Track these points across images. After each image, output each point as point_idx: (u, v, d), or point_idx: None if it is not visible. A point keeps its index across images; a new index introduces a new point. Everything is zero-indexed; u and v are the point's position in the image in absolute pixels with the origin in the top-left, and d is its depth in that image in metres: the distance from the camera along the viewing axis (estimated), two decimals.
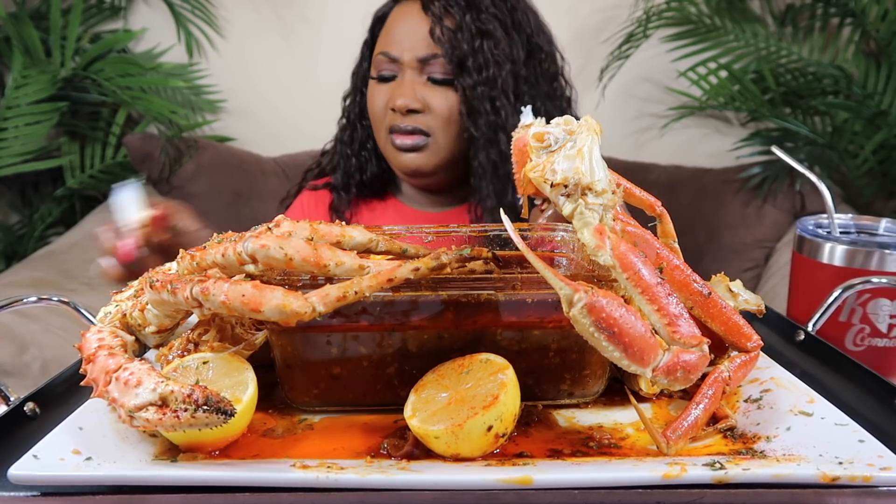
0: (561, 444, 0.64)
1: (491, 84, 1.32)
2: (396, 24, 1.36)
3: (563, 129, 0.66)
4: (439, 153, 1.36)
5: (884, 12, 2.45)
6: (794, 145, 2.53)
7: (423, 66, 1.33)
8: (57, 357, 1.70)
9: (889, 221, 1.03)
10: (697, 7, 2.59)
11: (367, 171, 1.48)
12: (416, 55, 1.32)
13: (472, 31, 1.31)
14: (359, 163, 1.48)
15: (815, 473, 0.54)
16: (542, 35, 1.43)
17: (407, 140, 1.34)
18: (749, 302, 0.80)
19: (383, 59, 1.35)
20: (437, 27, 1.30)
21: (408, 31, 1.34)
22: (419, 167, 1.37)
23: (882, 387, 0.72)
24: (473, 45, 1.31)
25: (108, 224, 1.03)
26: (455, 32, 1.31)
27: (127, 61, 2.62)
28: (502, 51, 1.34)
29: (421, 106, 1.32)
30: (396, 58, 1.34)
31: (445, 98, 1.33)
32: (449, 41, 1.30)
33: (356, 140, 1.48)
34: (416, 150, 1.35)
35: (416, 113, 1.33)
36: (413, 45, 1.32)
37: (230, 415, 0.54)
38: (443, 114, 1.33)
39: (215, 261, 0.64)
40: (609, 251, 0.61)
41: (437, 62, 1.32)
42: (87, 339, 0.64)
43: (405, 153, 1.36)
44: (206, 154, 2.56)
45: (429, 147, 1.35)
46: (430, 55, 1.32)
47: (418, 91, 1.33)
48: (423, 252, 0.74)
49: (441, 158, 1.37)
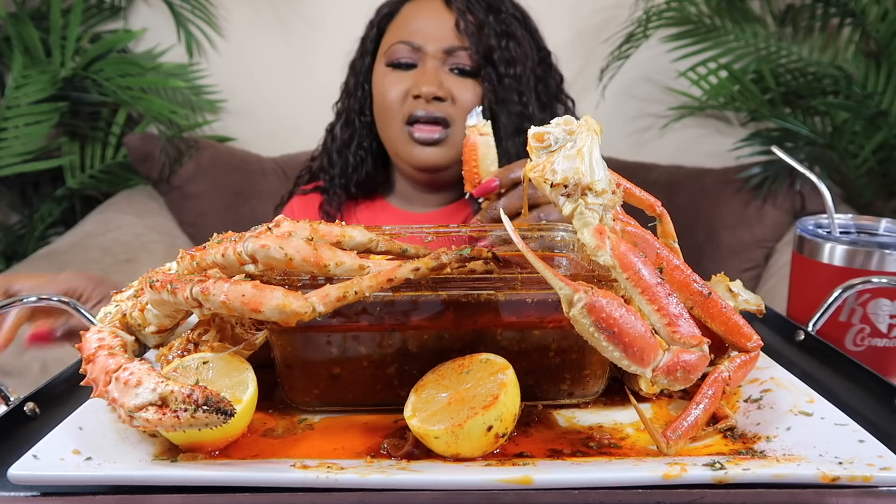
0: (561, 444, 0.64)
1: (517, 77, 1.35)
2: (417, 16, 1.38)
3: (563, 129, 0.66)
4: (457, 146, 1.36)
5: (884, 12, 2.45)
6: (794, 145, 2.53)
7: (446, 57, 1.34)
8: (57, 357, 1.69)
9: (889, 221, 1.03)
10: (697, 7, 2.59)
11: (362, 170, 1.47)
12: (442, 45, 1.34)
13: (496, 30, 1.35)
14: (355, 161, 1.47)
15: (815, 473, 0.54)
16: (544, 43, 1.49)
17: (430, 134, 1.34)
18: (749, 302, 0.80)
19: (403, 47, 1.36)
20: (462, 21, 1.33)
21: (432, 23, 1.35)
22: (437, 162, 1.37)
23: (882, 387, 0.72)
24: (499, 42, 1.34)
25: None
26: (480, 27, 1.34)
27: (127, 61, 2.62)
28: (524, 48, 1.38)
29: (446, 94, 1.33)
30: (420, 47, 1.34)
31: (470, 89, 1.35)
32: (475, 34, 1.33)
33: (354, 137, 1.47)
34: (436, 144, 1.35)
35: (440, 101, 1.33)
36: (439, 36, 1.35)
37: (230, 415, 0.54)
38: (467, 104, 1.35)
39: (215, 261, 0.64)
40: (609, 251, 0.61)
41: (462, 54, 1.34)
42: (87, 339, 0.64)
43: (424, 147, 1.36)
44: (206, 154, 2.56)
45: (448, 140, 1.36)
46: (457, 46, 1.34)
47: (443, 80, 1.34)
48: (423, 252, 0.74)
49: (458, 152, 1.37)
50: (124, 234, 2.34)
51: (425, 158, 1.36)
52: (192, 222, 2.54)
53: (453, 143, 1.36)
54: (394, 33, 1.39)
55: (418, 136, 1.34)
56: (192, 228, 2.53)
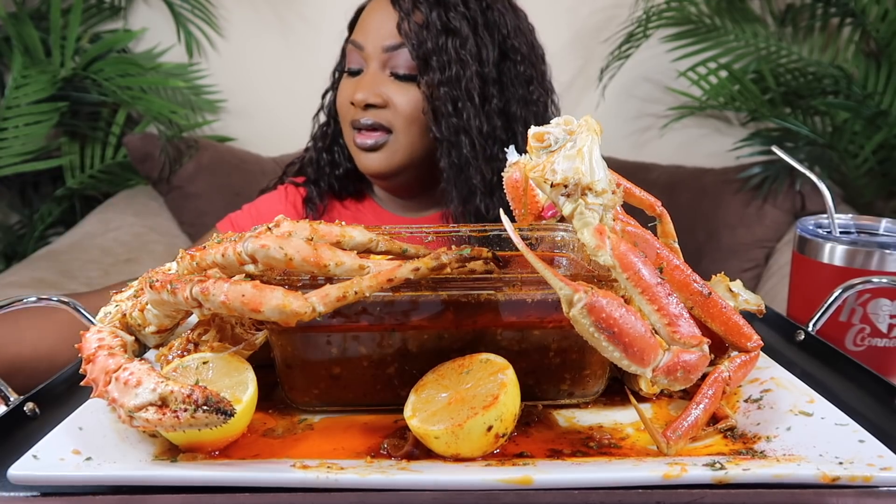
0: (561, 444, 0.64)
1: (454, 84, 1.29)
2: (367, 15, 1.36)
3: (563, 129, 0.66)
4: (399, 153, 1.33)
5: (884, 12, 2.45)
6: (794, 145, 2.53)
7: (387, 60, 1.31)
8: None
9: (889, 221, 1.03)
10: (697, 7, 2.59)
11: (340, 167, 1.47)
12: (381, 44, 1.31)
13: (437, 28, 1.29)
14: (330, 158, 1.47)
15: (816, 473, 0.54)
16: (520, 37, 1.38)
17: (367, 139, 1.32)
18: (749, 302, 0.80)
19: (352, 48, 1.35)
20: (405, 21, 1.29)
21: (376, 22, 1.32)
22: (379, 167, 1.34)
23: (882, 387, 0.72)
24: (438, 41, 1.29)
25: None
26: (422, 28, 1.29)
27: (127, 61, 2.62)
28: (469, 50, 1.30)
29: (381, 101, 1.30)
30: (362, 45, 1.32)
31: (407, 94, 1.31)
32: (415, 35, 1.28)
33: (329, 136, 1.47)
34: (376, 150, 1.33)
35: (377, 108, 1.31)
36: (379, 35, 1.31)
37: (230, 415, 0.54)
38: (404, 110, 1.30)
39: (215, 261, 0.64)
40: (609, 251, 0.61)
41: (400, 56, 1.30)
42: (87, 339, 0.64)
43: (367, 153, 1.34)
44: (206, 154, 2.56)
45: (388, 146, 1.33)
46: (395, 44, 1.30)
47: (381, 86, 1.31)
48: (423, 252, 0.74)
49: (402, 158, 1.34)
50: (124, 234, 2.34)
51: (368, 164, 1.35)
52: (192, 222, 2.54)
53: (395, 150, 1.33)
54: (353, 33, 1.39)
55: (359, 142, 1.33)
56: (192, 228, 2.53)
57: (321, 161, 1.48)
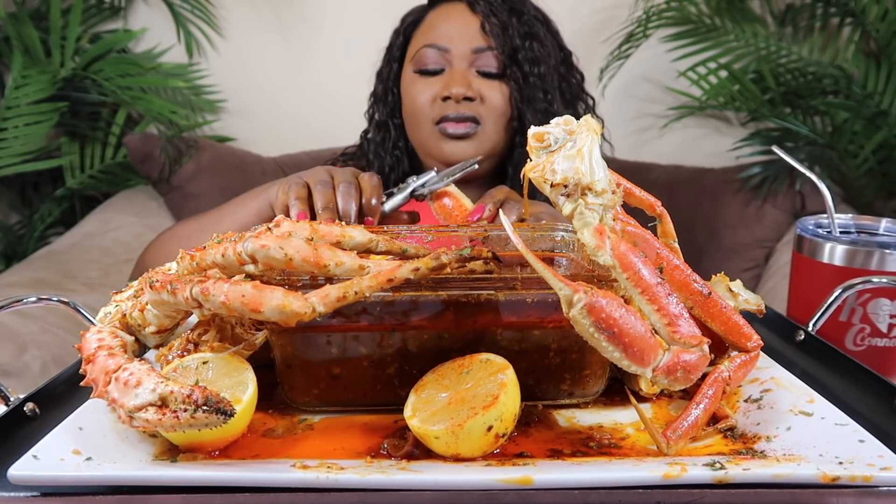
0: (561, 444, 0.64)
1: (542, 77, 1.42)
2: (443, 20, 1.44)
3: (562, 129, 0.66)
4: (486, 143, 1.43)
5: (884, 12, 2.45)
6: (794, 145, 2.53)
7: (473, 59, 1.41)
8: (57, 357, 1.70)
9: (889, 221, 1.03)
10: (697, 7, 2.59)
11: (399, 169, 1.54)
12: (469, 46, 1.40)
13: (519, 31, 1.41)
14: (392, 160, 1.54)
15: (816, 473, 0.54)
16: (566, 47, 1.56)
17: (460, 128, 1.40)
18: (749, 302, 0.80)
19: (431, 52, 1.42)
20: (487, 23, 1.40)
21: (458, 26, 1.42)
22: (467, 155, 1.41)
23: (882, 387, 0.72)
24: (523, 42, 1.41)
25: None
26: (505, 29, 1.40)
27: (127, 61, 2.62)
28: (547, 50, 1.45)
29: (475, 94, 1.39)
30: (447, 49, 1.40)
31: (497, 89, 1.41)
32: (501, 35, 1.40)
33: (389, 139, 1.54)
34: (466, 139, 1.41)
35: (470, 101, 1.40)
36: (465, 38, 1.41)
37: (230, 415, 0.54)
38: (495, 104, 1.41)
39: (215, 261, 0.64)
40: (609, 251, 0.61)
41: (488, 55, 1.40)
42: (87, 340, 0.64)
43: (454, 141, 1.41)
44: (206, 154, 2.55)
45: (477, 136, 1.42)
46: (483, 47, 1.40)
47: (472, 82, 1.40)
48: (423, 252, 0.74)
49: (487, 148, 1.43)
50: (124, 234, 2.34)
51: (457, 152, 1.42)
52: None
53: (483, 140, 1.42)
54: (420, 39, 1.46)
55: (451, 131, 1.40)
56: None
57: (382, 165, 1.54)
